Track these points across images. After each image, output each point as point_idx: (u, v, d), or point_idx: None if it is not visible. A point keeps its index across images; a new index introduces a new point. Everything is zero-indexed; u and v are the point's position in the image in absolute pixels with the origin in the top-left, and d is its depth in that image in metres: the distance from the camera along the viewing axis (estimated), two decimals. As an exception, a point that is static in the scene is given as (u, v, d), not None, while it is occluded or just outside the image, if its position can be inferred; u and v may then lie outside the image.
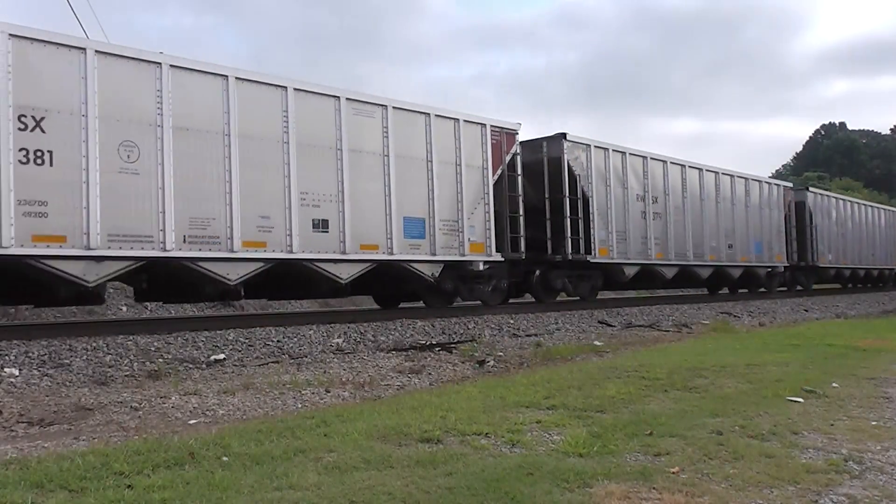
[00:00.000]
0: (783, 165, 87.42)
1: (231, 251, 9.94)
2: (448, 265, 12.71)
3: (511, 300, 15.08)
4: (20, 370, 7.24)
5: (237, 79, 10.23)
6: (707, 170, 19.52)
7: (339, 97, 11.35)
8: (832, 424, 4.82)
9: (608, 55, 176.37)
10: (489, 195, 13.35)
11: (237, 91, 10.18)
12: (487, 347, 10.07)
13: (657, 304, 17.42)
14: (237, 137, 10.12)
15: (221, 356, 8.50)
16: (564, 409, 5.23)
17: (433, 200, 12.53)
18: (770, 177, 27.78)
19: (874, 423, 4.89)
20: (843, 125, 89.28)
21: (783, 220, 22.68)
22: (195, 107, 9.81)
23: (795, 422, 4.87)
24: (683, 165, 18.60)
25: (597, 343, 10.75)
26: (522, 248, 13.88)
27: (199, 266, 9.70)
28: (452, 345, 10.22)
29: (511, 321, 12.76)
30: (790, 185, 24.80)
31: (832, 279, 26.37)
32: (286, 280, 11.25)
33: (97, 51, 9.02)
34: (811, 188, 26.30)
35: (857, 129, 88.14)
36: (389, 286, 13.26)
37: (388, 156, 11.94)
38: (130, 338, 8.80)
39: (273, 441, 4.21)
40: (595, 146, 15.67)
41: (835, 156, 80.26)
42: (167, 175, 9.39)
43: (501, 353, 9.53)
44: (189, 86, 9.77)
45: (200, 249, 9.66)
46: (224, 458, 3.83)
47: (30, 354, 7.75)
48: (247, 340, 9.35)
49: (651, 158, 17.41)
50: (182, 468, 3.65)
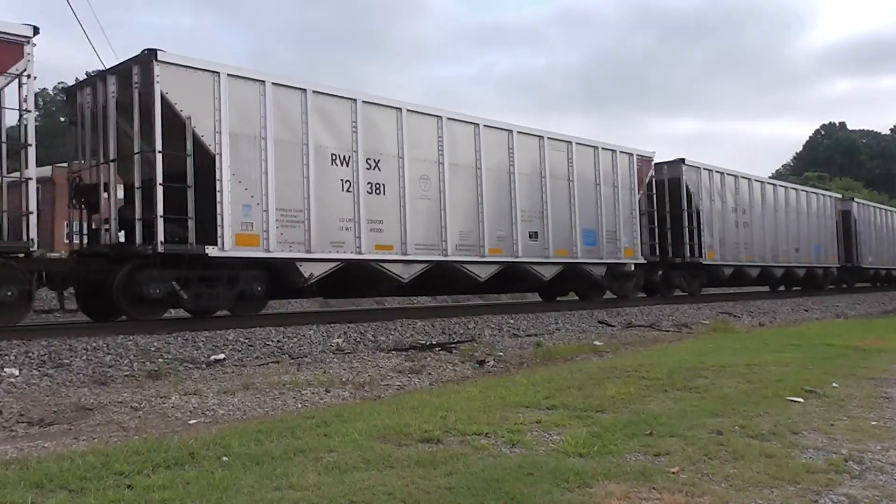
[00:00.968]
0: (783, 165, 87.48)
1: (482, 256, 13.76)
2: (609, 266, 16.57)
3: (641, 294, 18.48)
4: (20, 370, 7.24)
5: (485, 126, 14.14)
6: (778, 185, 24.03)
7: (542, 137, 15.24)
8: (832, 424, 4.82)
9: (609, 54, 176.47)
10: (636, 210, 17.40)
11: (483, 134, 14.00)
12: (487, 347, 10.07)
13: (657, 304, 17.42)
14: (483, 170, 13.96)
15: (221, 356, 8.50)
16: (564, 409, 5.22)
17: (601, 216, 16.35)
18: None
19: (874, 423, 4.88)
20: (843, 125, 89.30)
21: (835, 227, 26.51)
22: (459, 147, 13.59)
23: (795, 422, 4.86)
24: (763, 182, 22.87)
25: (597, 343, 10.75)
26: (658, 253, 18.23)
27: (462, 267, 13.47)
28: (452, 345, 10.22)
29: (511, 321, 12.77)
30: (839, 196, 29.28)
31: (871, 278, 30.47)
32: (510, 276, 14.75)
33: (408, 110, 12.71)
34: (856, 199, 30.30)
35: (857, 129, 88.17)
36: (570, 283, 17.02)
37: (573, 181, 15.78)
38: (130, 338, 8.80)
39: (273, 441, 4.20)
40: (704, 168, 19.59)
41: (835, 156, 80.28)
42: (447, 200, 13.18)
43: (501, 353, 9.53)
44: (455, 132, 13.58)
45: (465, 254, 13.46)
46: (224, 458, 3.83)
47: (30, 354, 7.75)
48: (247, 340, 9.35)
49: (740, 177, 21.34)
50: (182, 468, 3.65)
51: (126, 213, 10.17)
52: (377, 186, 12.08)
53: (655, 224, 18.43)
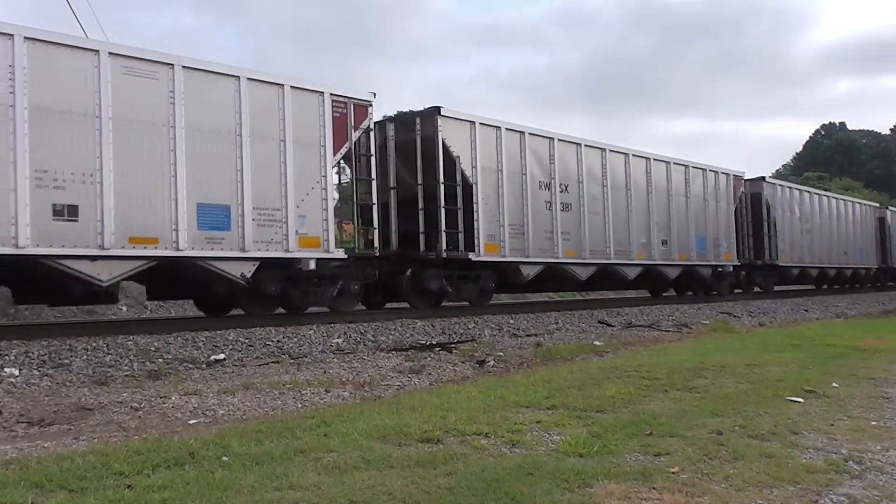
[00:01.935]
0: (783, 165, 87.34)
1: (631, 259, 16.86)
2: (713, 267, 19.79)
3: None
4: (20, 370, 7.24)
5: (633, 155, 16.92)
6: (831, 197, 26.40)
7: (668, 162, 18.47)
8: (832, 424, 4.82)
9: (610, 54, 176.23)
10: (732, 220, 20.47)
11: (631, 162, 16.94)
12: (487, 347, 10.07)
13: (657, 304, 17.43)
14: (632, 190, 16.83)
15: (221, 356, 8.51)
16: (564, 409, 5.22)
17: (709, 226, 19.72)
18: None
19: (874, 423, 4.88)
20: (843, 125, 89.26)
21: (873, 233, 28.93)
22: (616, 172, 16.55)
23: (795, 422, 4.86)
24: (819, 195, 25.63)
25: (597, 343, 10.75)
26: (743, 257, 20.48)
27: (619, 269, 16.70)
28: (452, 345, 10.22)
29: (511, 321, 12.77)
30: (877, 206, 31.00)
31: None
32: (647, 276, 18.00)
33: (585, 145, 15.66)
34: (889, 208, 31.81)
35: (857, 129, 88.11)
36: (684, 281, 19.68)
37: (689, 197, 18.92)
38: (130, 338, 8.80)
39: (273, 441, 4.20)
40: (778, 184, 19.72)
41: (835, 156, 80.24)
42: (610, 215, 16.15)
43: (501, 353, 9.53)
44: (612, 160, 16.43)
45: (621, 258, 16.48)
46: (224, 458, 3.83)
47: (30, 354, 7.75)
48: (247, 340, 9.35)
49: (804, 191, 23.82)
50: (182, 468, 3.65)
51: (404, 228, 13.10)
52: (566, 205, 15.29)
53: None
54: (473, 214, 13.16)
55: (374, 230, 11.95)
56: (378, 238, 12.09)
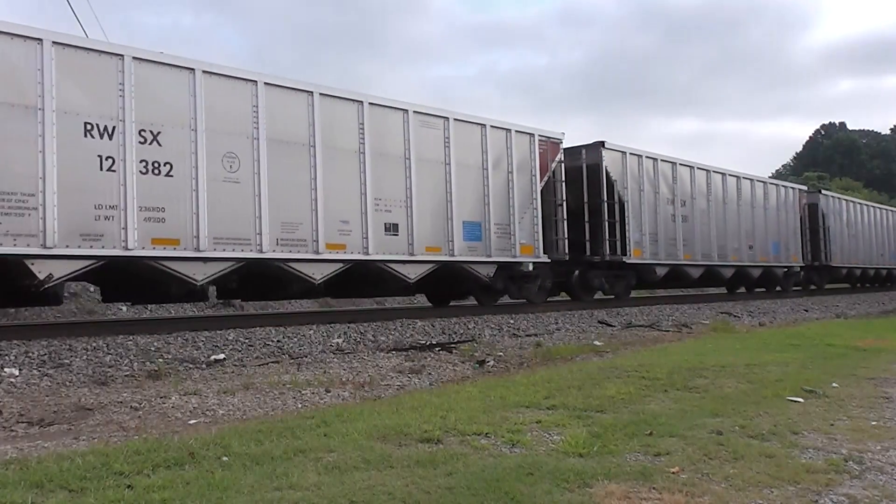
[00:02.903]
0: (783, 165, 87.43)
1: (726, 261, 20.02)
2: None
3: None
4: (20, 370, 7.24)
5: (698, 168, 19.26)
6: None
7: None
8: (832, 424, 4.82)
9: (612, 54, 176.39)
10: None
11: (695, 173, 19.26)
12: (487, 347, 10.07)
13: (657, 304, 17.43)
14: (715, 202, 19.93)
15: (221, 356, 8.50)
16: (564, 409, 5.23)
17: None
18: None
19: (874, 423, 4.88)
20: (843, 125, 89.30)
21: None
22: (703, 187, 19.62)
23: (795, 422, 4.86)
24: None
25: (597, 343, 10.75)
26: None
27: (719, 271, 20.06)
28: (452, 345, 10.22)
29: (511, 321, 12.77)
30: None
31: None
32: (708, 274, 19.85)
33: (662, 160, 17.99)
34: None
35: (857, 129, 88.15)
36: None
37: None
38: (130, 338, 8.81)
39: (273, 441, 4.20)
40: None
41: (835, 156, 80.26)
42: (712, 223, 19.66)
43: (501, 353, 9.53)
44: (680, 172, 18.66)
45: (720, 261, 19.71)
46: (224, 458, 3.83)
47: (30, 354, 7.75)
48: (247, 340, 9.35)
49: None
50: (182, 468, 3.65)
51: (572, 236, 15.44)
52: (685, 217, 18.48)
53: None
54: (626, 226, 16.50)
55: (566, 240, 15.18)
56: (566, 245, 15.21)
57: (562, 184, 15.09)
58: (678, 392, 6.03)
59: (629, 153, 16.79)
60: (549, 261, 14.55)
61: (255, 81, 10.31)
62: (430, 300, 15.84)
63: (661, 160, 17.90)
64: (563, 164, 15.30)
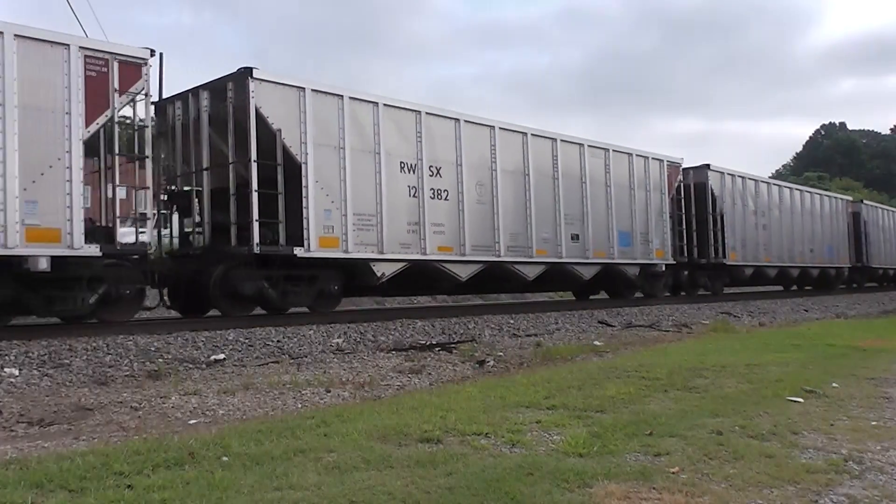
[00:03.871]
0: (783, 165, 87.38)
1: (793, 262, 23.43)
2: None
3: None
4: (20, 370, 7.24)
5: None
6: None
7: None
8: (832, 424, 4.82)
9: (613, 53, 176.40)
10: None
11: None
12: (487, 347, 10.07)
13: (657, 304, 17.42)
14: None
15: (221, 356, 8.50)
16: (564, 409, 5.22)
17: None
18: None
19: (874, 423, 4.88)
20: (843, 125, 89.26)
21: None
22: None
23: (795, 422, 4.86)
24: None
25: (597, 343, 10.75)
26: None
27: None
28: (452, 345, 10.22)
29: (511, 321, 12.77)
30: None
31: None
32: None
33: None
34: None
35: (857, 129, 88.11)
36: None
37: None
38: (130, 338, 8.80)
39: (273, 441, 4.20)
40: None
41: (835, 156, 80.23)
42: (792, 227, 23.73)
43: (501, 353, 9.53)
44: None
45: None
46: (224, 458, 3.83)
47: (30, 354, 7.75)
48: (247, 340, 9.35)
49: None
50: (182, 468, 3.65)
51: (683, 243, 18.93)
52: (765, 226, 21.61)
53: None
54: (724, 234, 20.02)
55: (684, 246, 19.25)
56: (685, 250, 19.18)
57: (680, 200, 18.87)
58: (678, 392, 6.03)
59: (726, 173, 20.54)
60: (675, 262, 18.19)
61: (493, 126, 14.07)
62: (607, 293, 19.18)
63: (748, 178, 21.55)
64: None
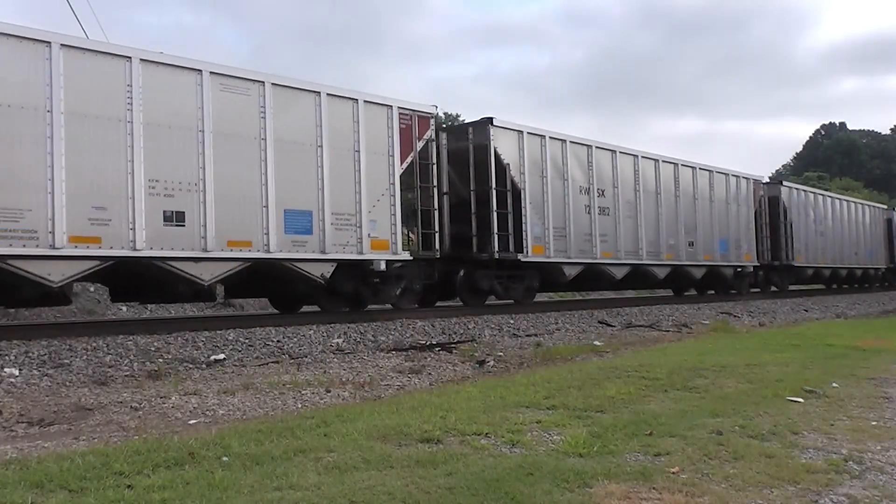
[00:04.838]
0: (783, 165, 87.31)
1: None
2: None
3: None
4: (20, 370, 7.24)
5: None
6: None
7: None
8: (832, 424, 4.82)
9: (614, 53, 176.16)
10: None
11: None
12: (487, 347, 10.07)
13: (657, 304, 17.42)
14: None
15: (221, 356, 8.50)
16: (564, 409, 5.22)
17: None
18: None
19: (874, 423, 4.88)
20: (843, 125, 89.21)
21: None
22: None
23: (795, 422, 4.86)
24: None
25: (597, 343, 10.75)
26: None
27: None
28: (452, 345, 10.22)
29: (511, 321, 12.77)
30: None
31: None
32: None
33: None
34: None
35: (857, 129, 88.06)
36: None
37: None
38: (130, 338, 8.80)
39: (273, 441, 4.20)
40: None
41: (835, 156, 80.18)
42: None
43: (501, 353, 9.53)
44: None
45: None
46: (224, 458, 3.83)
47: (30, 354, 7.75)
48: (247, 340, 9.35)
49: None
50: (182, 468, 3.65)
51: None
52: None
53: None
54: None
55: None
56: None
57: (760, 212, 19.07)
58: (678, 392, 6.03)
59: (795, 188, 21.01)
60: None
61: (636, 155, 17.10)
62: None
63: (810, 192, 21.91)
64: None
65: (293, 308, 12.93)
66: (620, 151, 16.69)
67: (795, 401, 5.62)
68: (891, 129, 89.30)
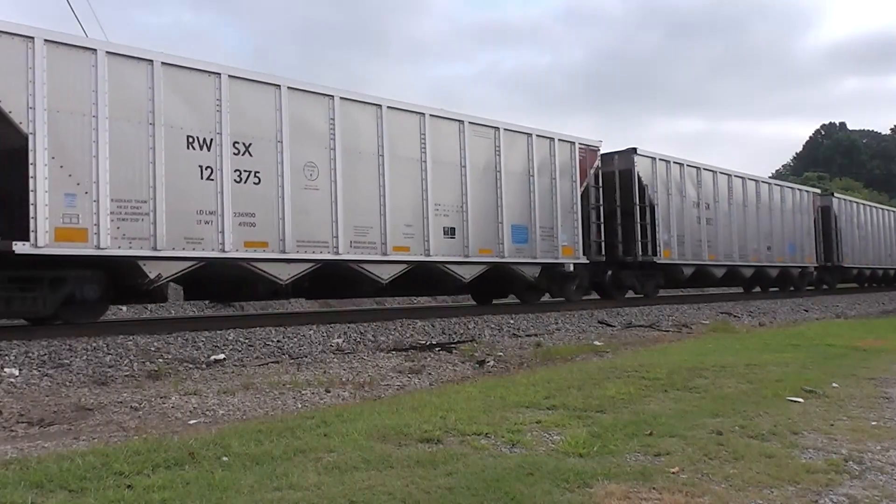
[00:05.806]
0: (783, 165, 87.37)
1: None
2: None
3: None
4: (20, 370, 7.24)
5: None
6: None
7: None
8: (832, 424, 4.82)
9: (615, 53, 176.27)
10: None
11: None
12: (487, 347, 10.07)
13: (657, 304, 17.41)
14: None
15: (221, 356, 8.50)
16: (564, 409, 5.22)
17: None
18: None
19: (874, 423, 4.88)
20: (843, 125, 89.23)
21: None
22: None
23: (795, 422, 4.86)
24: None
25: (597, 343, 10.75)
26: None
27: None
28: (452, 345, 10.22)
29: (511, 321, 12.76)
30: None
31: None
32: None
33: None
34: None
35: (857, 129, 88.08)
36: None
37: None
38: (130, 338, 8.80)
39: (273, 441, 4.20)
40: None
41: (835, 156, 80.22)
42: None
43: (501, 353, 9.53)
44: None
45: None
46: (224, 458, 3.83)
47: (30, 354, 7.75)
48: (247, 340, 9.35)
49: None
50: (182, 468, 3.65)
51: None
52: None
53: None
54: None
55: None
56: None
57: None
58: (678, 392, 6.03)
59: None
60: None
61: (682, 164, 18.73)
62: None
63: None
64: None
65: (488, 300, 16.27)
66: (720, 171, 20.22)
67: (795, 401, 5.62)
68: (891, 129, 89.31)
